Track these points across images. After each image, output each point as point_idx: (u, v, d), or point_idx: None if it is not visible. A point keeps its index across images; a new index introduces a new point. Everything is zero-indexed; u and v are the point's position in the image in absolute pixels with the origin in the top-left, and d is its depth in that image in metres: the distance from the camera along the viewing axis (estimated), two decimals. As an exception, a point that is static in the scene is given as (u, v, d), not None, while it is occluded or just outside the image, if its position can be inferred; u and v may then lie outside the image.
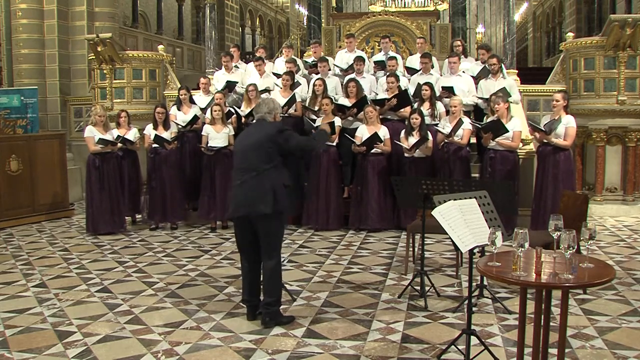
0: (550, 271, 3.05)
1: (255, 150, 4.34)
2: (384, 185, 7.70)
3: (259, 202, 4.26)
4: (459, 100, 7.66)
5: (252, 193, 4.29)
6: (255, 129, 4.50)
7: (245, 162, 4.36)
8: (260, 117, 4.55)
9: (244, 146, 4.44)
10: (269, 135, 4.34)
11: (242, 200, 4.33)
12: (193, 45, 18.90)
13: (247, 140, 4.44)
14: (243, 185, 4.33)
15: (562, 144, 6.88)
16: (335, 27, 13.20)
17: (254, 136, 4.42)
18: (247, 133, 4.60)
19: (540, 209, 7.03)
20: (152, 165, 8.27)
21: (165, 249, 7.13)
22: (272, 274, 4.41)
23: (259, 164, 4.32)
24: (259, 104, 4.63)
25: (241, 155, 4.42)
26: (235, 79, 9.28)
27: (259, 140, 4.35)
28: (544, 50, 21.88)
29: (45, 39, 11.30)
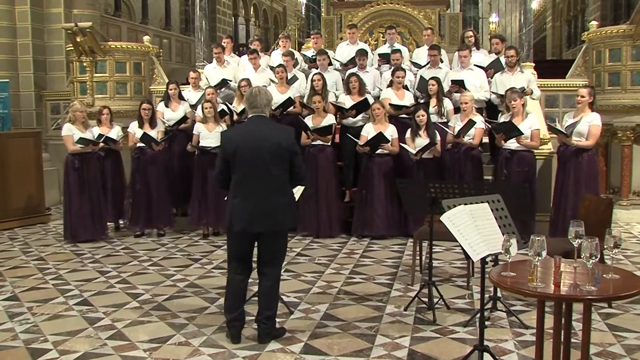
0: (571, 282, 3.05)
1: (274, 155, 4.17)
2: (391, 188, 7.70)
3: (281, 217, 4.21)
4: (471, 96, 7.67)
5: (273, 206, 4.18)
6: (266, 129, 4.25)
7: (261, 168, 4.16)
8: (259, 112, 4.32)
9: (257, 148, 4.17)
10: (289, 142, 4.23)
11: (259, 213, 4.17)
12: (182, 37, 18.91)
13: (261, 142, 4.17)
14: (259, 196, 4.17)
15: (583, 144, 6.88)
16: (336, 17, 13.21)
17: (269, 138, 4.19)
18: (255, 131, 4.25)
19: (559, 214, 7.04)
20: (136, 166, 8.28)
21: (152, 257, 7.13)
22: (274, 286, 4.42)
23: (278, 172, 4.19)
24: (252, 93, 4.37)
25: (255, 159, 4.17)
26: (228, 73, 9.29)
27: (278, 144, 4.18)
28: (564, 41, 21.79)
29: (17, 27, 11.25)
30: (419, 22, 11.92)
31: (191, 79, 9.17)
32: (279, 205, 4.20)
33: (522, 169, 7.26)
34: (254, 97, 4.34)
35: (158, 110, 8.61)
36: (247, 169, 4.19)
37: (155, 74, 10.65)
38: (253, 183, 4.19)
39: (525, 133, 7.15)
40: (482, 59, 8.92)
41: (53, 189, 10.74)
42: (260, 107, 4.32)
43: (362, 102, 8.12)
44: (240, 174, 4.22)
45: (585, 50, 9.71)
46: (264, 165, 4.17)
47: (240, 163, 4.21)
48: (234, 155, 4.22)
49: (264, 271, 4.36)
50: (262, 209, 4.17)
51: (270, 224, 4.21)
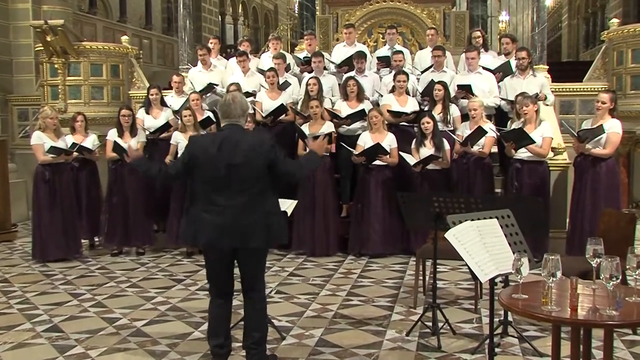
0: (590, 306, 3.04)
1: (247, 165, 4.15)
2: (389, 202, 7.71)
3: (254, 233, 4.16)
4: (479, 102, 7.69)
5: (246, 221, 4.14)
6: (239, 137, 4.25)
7: (232, 180, 4.15)
8: (234, 122, 4.30)
9: (228, 159, 4.15)
10: (264, 149, 4.20)
11: (230, 228, 4.14)
12: (164, 37, 18.95)
13: (232, 152, 4.17)
14: (231, 210, 4.14)
15: (600, 153, 6.89)
16: (332, 16, 13.25)
17: (241, 147, 4.18)
18: (227, 141, 4.24)
19: (576, 230, 7.04)
20: (114, 178, 8.27)
21: (130, 278, 7.10)
22: (261, 308, 4.39)
23: (252, 184, 4.17)
24: (225, 102, 4.35)
25: (225, 171, 4.15)
26: (214, 77, 9.32)
27: (252, 153, 4.16)
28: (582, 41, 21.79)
29: (-22, 24, 11.27)
30: (421, 22, 11.97)
31: (174, 83, 9.19)
32: (253, 220, 4.16)
33: (534, 181, 7.27)
34: (227, 106, 4.33)
35: (138, 117, 8.62)
36: (216, 181, 4.17)
37: (135, 78, 10.67)
38: (223, 197, 4.16)
39: (537, 141, 7.16)
40: (490, 61, 8.96)
41: (20, 203, 10.71)
42: (235, 117, 4.30)
43: (357, 113, 8.15)
44: (209, 186, 4.19)
45: (605, 50, 9.76)
46: (235, 178, 4.15)
47: (208, 174, 4.19)
48: (199, 164, 4.21)
49: (247, 293, 4.35)
50: (234, 225, 4.13)
51: (242, 241, 4.16)
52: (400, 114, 8.18)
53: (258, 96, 8.79)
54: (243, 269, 4.31)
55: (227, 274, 4.35)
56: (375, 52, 10.04)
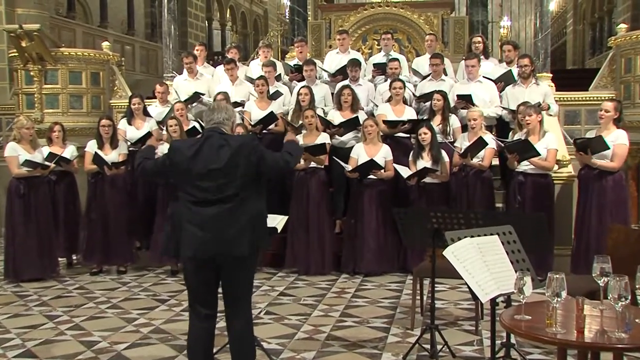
0: (597, 328, 3.04)
1: (230, 169, 4.17)
2: (385, 217, 7.72)
3: (237, 240, 4.14)
4: (479, 112, 7.72)
5: (229, 229, 4.13)
6: (218, 142, 4.25)
7: (211, 189, 4.16)
8: (215, 127, 4.32)
9: (208, 165, 4.17)
10: (247, 151, 4.21)
11: (212, 236, 4.14)
12: (147, 43, 18.98)
13: (212, 157, 4.19)
14: (213, 217, 4.15)
15: (607, 166, 6.91)
16: (325, 22, 13.31)
17: (221, 152, 4.20)
18: (207, 145, 4.24)
19: (582, 247, 7.05)
20: (93, 191, 8.26)
21: (110, 298, 7.07)
22: (248, 330, 4.36)
23: (236, 189, 4.18)
24: (211, 108, 4.43)
25: (205, 178, 4.17)
26: (201, 86, 9.34)
27: (233, 158, 4.18)
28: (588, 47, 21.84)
29: (-54, 28, 11.23)
30: (419, 28, 12.02)
31: (158, 93, 9.19)
32: (238, 228, 4.14)
33: (537, 195, 7.28)
34: (211, 111, 4.40)
35: (119, 128, 8.62)
36: (197, 187, 4.17)
37: (116, 86, 10.68)
38: (205, 204, 4.16)
39: (542, 154, 7.18)
40: (491, 69, 9.00)
41: (-7, 219, 10.65)
42: (217, 122, 4.33)
43: (351, 121, 8.15)
44: (190, 193, 4.20)
45: (612, 57, 9.80)
46: (217, 183, 4.15)
47: (186, 179, 4.20)
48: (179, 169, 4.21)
49: (231, 313, 4.29)
50: (216, 233, 4.12)
51: (225, 249, 4.13)
52: (397, 123, 8.19)
53: (247, 106, 8.81)
54: (225, 285, 4.27)
55: (210, 291, 4.29)
56: (369, 60, 10.07)
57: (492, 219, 4.61)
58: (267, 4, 28.00)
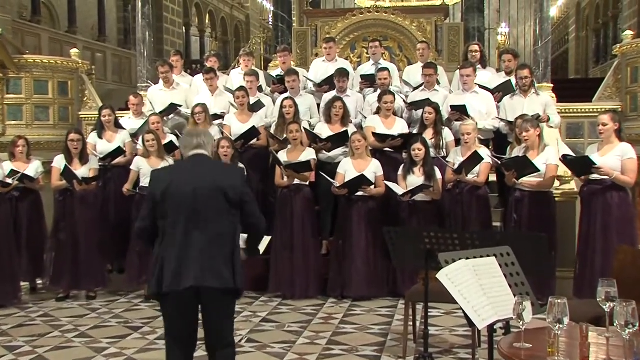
0: (603, 357, 3.04)
1: (214, 198, 4.18)
2: (374, 237, 7.71)
3: (221, 272, 4.14)
4: (473, 125, 7.72)
5: (211, 261, 4.13)
6: (206, 169, 4.31)
7: (196, 217, 4.16)
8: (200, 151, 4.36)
9: (192, 191, 4.17)
10: (235, 185, 4.23)
11: (193, 267, 4.12)
12: (120, 50, 18.99)
13: (198, 185, 4.20)
14: (195, 250, 4.14)
15: (623, 179, 6.87)
16: (311, 29, 13.34)
17: (209, 179, 4.22)
18: (192, 172, 4.29)
19: (586, 270, 7.05)
20: (61, 210, 8.20)
21: (78, 326, 7.02)
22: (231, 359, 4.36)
23: (220, 218, 4.19)
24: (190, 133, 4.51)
25: (189, 205, 4.16)
26: (178, 96, 9.35)
27: (220, 188, 4.19)
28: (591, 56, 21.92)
29: None
30: (411, 35, 12.07)
31: (132, 104, 9.20)
32: (221, 260, 4.15)
33: (537, 213, 7.28)
34: (191, 132, 4.48)
35: (89, 142, 8.59)
36: (179, 217, 4.17)
37: (86, 97, 10.66)
38: (186, 234, 4.16)
39: (541, 170, 7.20)
40: (489, 78, 9.03)
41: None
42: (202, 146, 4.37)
43: (340, 135, 8.16)
44: (171, 223, 4.19)
45: (618, 66, 9.85)
46: (200, 213, 4.16)
47: (170, 209, 4.19)
48: (162, 198, 4.21)
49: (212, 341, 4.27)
50: (198, 264, 4.11)
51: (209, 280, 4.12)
52: (387, 137, 8.20)
53: (226, 119, 8.81)
54: (206, 320, 4.26)
55: (190, 323, 4.28)
56: (358, 69, 10.11)
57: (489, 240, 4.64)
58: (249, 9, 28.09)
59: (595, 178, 7.00)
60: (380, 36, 11.44)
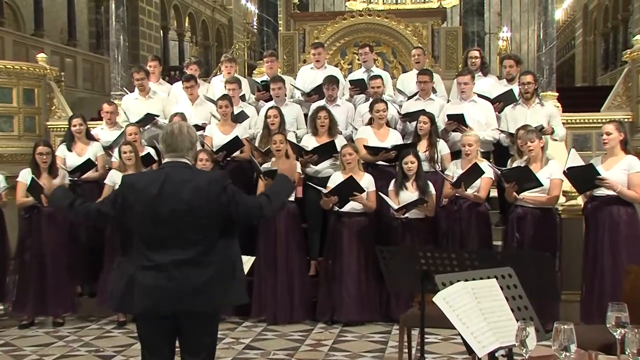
0: (615, 388, 3.03)
1: (191, 214, 4.13)
2: (367, 257, 7.71)
3: (202, 294, 4.12)
4: (475, 136, 7.74)
5: (192, 281, 4.10)
6: (185, 176, 4.24)
7: (174, 232, 4.13)
8: (177, 157, 4.30)
9: (170, 204, 4.14)
10: (216, 191, 4.18)
11: (171, 290, 4.10)
12: (92, 55, 18.98)
13: (175, 195, 4.15)
14: (173, 268, 4.11)
15: (628, 194, 6.88)
16: (298, 33, 13.40)
17: (186, 189, 4.16)
18: (169, 181, 4.22)
19: (593, 293, 7.05)
20: (27, 228, 8.16)
21: (43, 356, 6.97)
22: None
23: (202, 234, 4.16)
24: (170, 132, 4.34)
25: (167, 219, 4.13)
26: (154, 106, 9.34)
27: (199, 197, 4.15)
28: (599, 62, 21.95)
29: None
30: (405, 40, 12.13)
31: (105, 113, 9.17)
32: (203, 279, 4.12)
33: (540, 231, 7.27)
34: (171, 137, 4.31)
35: (57, 154, 8.55)
36: (155, 232, 4.14)
37: (54, 105, 10.63)
38: (164, 251, 4.13)
39: (544, 184, 7.18)
40: (489, 87, 9.07)
41: None
42: (181, 151, 4.30)
43: (327, 146, 8.16)
44: (146, 238, 4.17)
45: (628, 73, 9.88)
46: (180, 227, 4.13)
47: (145, 223, 4.17)
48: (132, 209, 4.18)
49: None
50: (176, 286, 4.09)
51: (186, 304, 4.11)
52: (379, 150, 8.21)
53: (208, 129, 8.79)
54: (187, 342, 4.25)
55: (167, 348, 4.27)
56: (349, 76, 10.13)
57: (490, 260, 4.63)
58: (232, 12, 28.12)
59: (600, 193, 7.01)
60: (372, 41, 11.51)
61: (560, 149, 8.55)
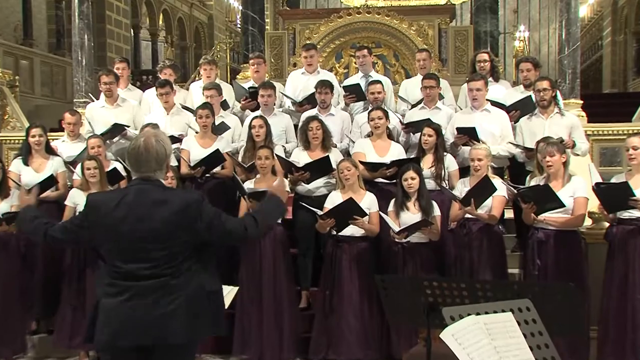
0: None
1: (165, 236, 4.19)
2: (369, 288, 7.68)
3: (174, 326, 4.16)
4: (486, 150, 7.69)
5: (156, 311, 4.15)
6: (153, 198, 4.28)
7: (142, 258, 4.18)
8: (147, 175, 4.33)
9: (139, 227, 4.20)
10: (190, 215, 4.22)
11: (139, 321, 4.15)
12: (51, 57, 18.96)
13: (145, 218, 4.21)
14: (138, 298, 4.16)
15: None
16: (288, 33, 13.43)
17: (157, 211, 4.22)
18: (135, 202, 4.27)
19: (626, 329, 6.98)
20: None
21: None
22: None
23: (169, 262, 4.19)
24: (135, 148, 4.36)
25: (132, 243, 4.19)
26: (123, 115, 9.32)
27: (172, 220, 4.20)
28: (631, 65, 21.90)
29: None
30: (409, 41, 12.14)
31: (68, 124, 9.13)
32: (171, 307, 4.15)
33: (564, 258, 7.23)
34: (137, 153, 4.34)
35: (11, 170, 8.54)
36: (120, 256, 4.19)
37: (7, 114, 10.63)
38: (129, 276, 4.17)
39: (567, 204, 7.14)
40: (503, 94, 9.09)
41: None
42: (148, 169, 4.32)
43: (320, 162, 8.13)
44: (112, 264, 4.21)
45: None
46: (146, 251, 4.17)
47: (109, 246, 4.22)
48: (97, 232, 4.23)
49: None
50: (144, 316, 4.13)
51: (156, 337, 4.14)
52: (379, 166, 8.17)
53: (185, 142, 8.75)
54: None
55: None
56: (344, 82, 10.13)
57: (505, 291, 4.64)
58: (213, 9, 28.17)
59: (628, 216, 7.03)
60: (371, 42, 11.56)
61: (583, 165, 8.41)
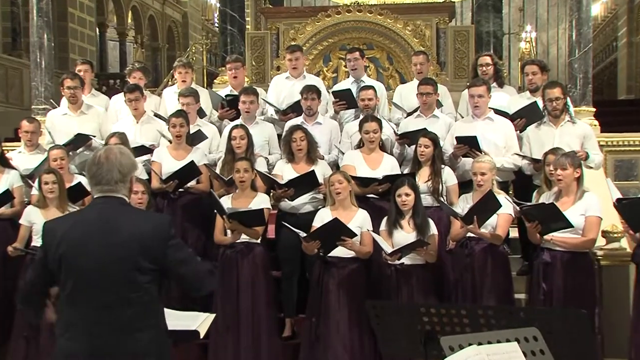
0: None
1: (126, 263, 4.16)
2: (359, 315, 7.67)
3: None
4: (490, 163, 7.69)
5: (122, 348, 4.15)
6: (116, 222, 4.26)
7: (103, 286, 4.15)
8: (108, 192, 4.30)
9: (98, 253, 4.16)
10: (157, 244, 4.22)
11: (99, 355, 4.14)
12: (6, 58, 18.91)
13: (104, 242, 4.18)
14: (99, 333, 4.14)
15: None
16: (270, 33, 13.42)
17: (118, 234, 4.19)
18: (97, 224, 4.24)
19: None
20: None
21: None
22: None
23: (134, 292, 4.18)
24: (95, 161, 4.33)
25: (92, 271, 4.15)
26: (88, 124, 9.31)
27: (136, 250, 4.18)
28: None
29: None
30: (404, 42, 12.15)
31: (24, 133, 9.13)
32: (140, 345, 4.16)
33: (573, 282, 7.22)
34: (96, 166, 4.32)
35: (-38, 184, 8.53)
36: (79, 287, 4.18)
37: (-42, 123, 10.62)
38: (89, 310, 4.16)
39: (575, 224, 7.10)
40: (507, 101, 9.13)
41: None
42: (107, 184, 4.30)
43: (305, 177, 8.11)
44: (69, 294, 4.20)
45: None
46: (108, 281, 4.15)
47: (68, 276, 4.19)
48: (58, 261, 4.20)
49: None
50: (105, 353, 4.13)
51: None
52: (371, 180, 8.15)
53: (156, 153, 8.72)
54: None
55: None
56: (333, 87, 10.14)
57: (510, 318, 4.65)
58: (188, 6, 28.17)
59: None
60: (363, 44, 11.57)
61: (596, 179, 8.37)
